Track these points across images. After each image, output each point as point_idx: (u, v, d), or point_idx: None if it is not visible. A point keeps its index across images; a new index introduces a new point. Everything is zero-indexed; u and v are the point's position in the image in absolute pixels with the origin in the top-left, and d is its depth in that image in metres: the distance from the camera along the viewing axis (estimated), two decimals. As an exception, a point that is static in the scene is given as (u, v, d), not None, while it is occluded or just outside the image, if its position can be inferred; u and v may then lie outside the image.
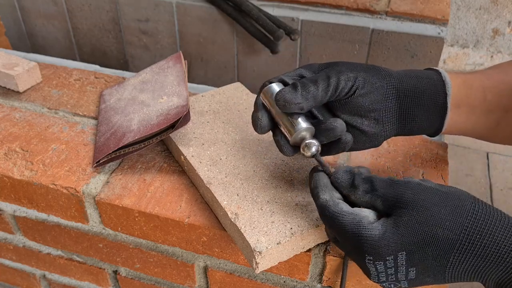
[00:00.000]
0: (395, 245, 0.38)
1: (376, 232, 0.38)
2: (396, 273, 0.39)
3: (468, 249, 0.37)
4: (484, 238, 0.37)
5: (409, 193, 0.39)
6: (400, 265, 0.38)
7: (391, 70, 0.48)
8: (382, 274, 0.39)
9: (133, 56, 1.19)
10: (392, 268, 0.39)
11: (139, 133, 0.56)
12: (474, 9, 1.71)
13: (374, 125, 0.47)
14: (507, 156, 1.58)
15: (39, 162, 0.59)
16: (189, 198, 0.54)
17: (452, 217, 0.38)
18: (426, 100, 0.48)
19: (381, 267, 0.39)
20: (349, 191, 0.42)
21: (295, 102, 0.44)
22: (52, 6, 1.17)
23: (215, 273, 0.58)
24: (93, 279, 0.69)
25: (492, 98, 0.50)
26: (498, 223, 0.37)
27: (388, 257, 0.38)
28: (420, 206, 0.38)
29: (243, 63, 1.09)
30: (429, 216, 0.38)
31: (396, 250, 0.38)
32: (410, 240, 0.38)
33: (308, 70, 0.48)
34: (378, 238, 0.38)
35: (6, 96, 0.70)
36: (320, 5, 0.97)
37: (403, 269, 0.39)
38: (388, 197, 0.40)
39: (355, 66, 0.47)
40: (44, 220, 0.62)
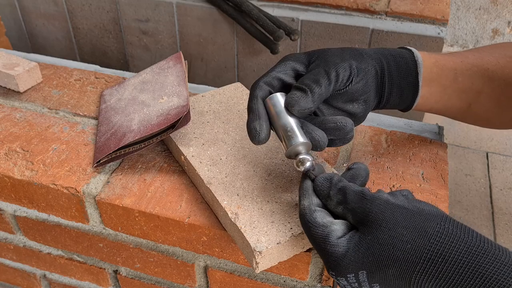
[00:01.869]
0: (356, 263, 0.38)
1: (340, 249, 0.39)
2: (361, 287, 0.40)
3: (430, 271, 0.36)
4: (447, 261, 0.36)
5: (375, 210, 0.39)
6: (362, 281, 0.39)
7: (368, 50, 0.50)
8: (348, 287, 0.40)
9: (133, 56, 1.19)
10: (355, 283, 0.39)
11: (140, 133, 0.56)
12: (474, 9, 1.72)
13: (363, 107, 0.49)
14: (507, 156, 1.58)
15: (40, 162, 0.59)
16: (189, 198, 0.54)
17: (414, 239, 0.37)
18: (400, 79, 0.50)
19: (343, 281, 0.40)
20: (325, 200, 0.43)
21: (308, 107, 0.44)
22: (53, 6, 1.17)
23: (215, 272, 0.58)
24: (93, 279, 0.69)
25: (464, 80, 0.52)
26: (463, 247, 0.36)
27: (349, 275, 0.39)
28: (383, 226, 0.38)
29: (243, 63, 1.09)
30: (391, 236, 0.37)
31: (356, 268, 0.38)
32: (370, 260, 0.38)
33: (297, 62, 0.48)
34: (340, 255, 0.39)
35: (7, 96, 0.70)
36: (320, 5, 0.97)
37: (366, 284, 0.39)
38: (357, 212, 0.40)
39: (342, 54, 0.48)
40: (45, 220, 0.63)
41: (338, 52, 0.48)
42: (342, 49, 0.49)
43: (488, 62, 0.53)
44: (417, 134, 0.63)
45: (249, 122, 0.46)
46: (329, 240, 0.39)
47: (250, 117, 0.46)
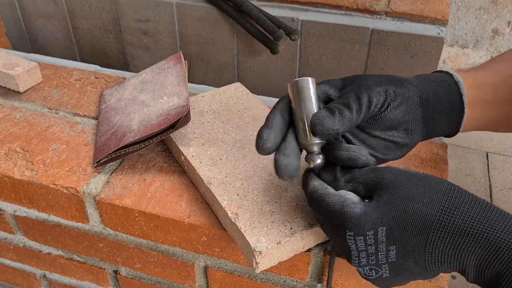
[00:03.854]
0: (375, 220, 0.39)
1: (358, 210, 0.40)
2: (377, 252, 0.40)
3: (446, 226, 0.38)
4: (461, 214, 0.38)
5: (388, 175, 0.41)
6: (380, 241, 0.39)
7: (408, 78, 0.48)
8: (363, 254, 0.40)
9: (133, 56, 1.19)
10: (373, 246, 0.39)
11: (140, 133, 0.56)
12: (474, 9, 1.72)
13: (405, 136, 0.47)
14: (507, 156, 1.58)
15: (40, 162, 0.59)
16: (189, 198, 0.54)
17: (430, 194, 0.39)
18: (445, 104, 0.48)
19: (361, 244, 0.39)
20: (332, 184, 0.43)
21: (334, 128, 0.42)
22: (53, 6, 1.17)
23: (215, 272, 0.58)
24: (93, 279, 0.69)
25: (503, 92, 0.51)
26: (474, 203, 0.38)
27: (368, 232, 0.39)
28: (399, 185, 0.40)
29: (243, 63, 1.09)
30: (407, 193, 0.39)
31: (376, 224, 0.39)
32: (389, 216, 0.39)
33: (331, 86, 0.47)
34: (359, 214, 0.39)
35: (7, 96, 0.70)
36: (320, 5, 0.97)
37: (383, 246, 0.39)
38: (368, 182, 0.41)
39: (379, 79, 0.46)
40: (45, 220, 0.63)
41: (374, 78, 0.46)
42: (379, 75, 0.47)
43: None
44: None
45: (260, 129, 0.44)
46: (346, 203, 0.40)
47: (263, 125, 0.44)
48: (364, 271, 0.41)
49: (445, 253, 0.38)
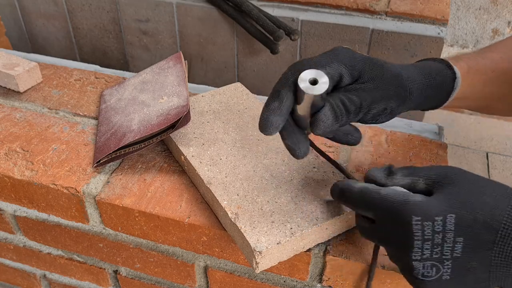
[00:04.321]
0: (444, 206, 0.37)
1: (423, 199, 0.39)
2: (443, 243, 0.37)
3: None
4: None
5: (452, 171, 0.40)
6: (448, 230, 0.37)
7: (412, 81, 0.47)
8: (427, 245, 0.38)
9: (133, 56, 1.19)
10: (440, 234, 0.37)
11: (140, 133, 0.56)
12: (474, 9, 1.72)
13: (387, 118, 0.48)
14: (507, 156, 1.58)
15: (40, 162, 0.59)
16: (189, 198, 0.54)
17: (498, 191, 0.38)
18: (435, 98, 0.51)
19: (428, 230, 0.37)
20: (386, 179, 0.43)
21: (333, 129, 0.43)
22: (53, 6, 1.17)
23: (215, 272, 0.58)
24: (93, 279, 0.69)
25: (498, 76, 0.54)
26: None
27: (437, 218, 0.37)
28: (466, 180, 0.39)
29: (243, 63, 1.09)
30: (477, 187, 0.38)
31: (445, 211, 0.37)
32: (459, 205, 0.37)
33: (347, 68, 0.44)
34: (426, 201, 0.38)
35: (7, 96, 0.70)
36: (320, 5, 0.97)
37: (451, 236, 0.37)
38: (431, 176, 0.40)
39: (388, 86, 0.45)
40: (45, 220, 0.63)
41: (391, 83, 0.46)
42: (396, 78, 0.46)
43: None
44: (417, 134, 0.63)
45: (266, 110, 0.42)
46: (409, 194, 0.40)
47: (270, 103, 0.42)
48: (423, 269, 0.38)
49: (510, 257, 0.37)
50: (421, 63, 0.51)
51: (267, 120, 0.42)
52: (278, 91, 0.43)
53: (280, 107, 0.42)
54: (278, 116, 0.42)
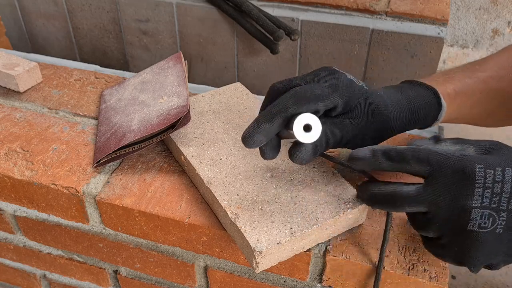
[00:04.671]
0: (502, 161, 0.39)
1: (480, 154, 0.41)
2: (501, 193, 0.38)
3: None
4: None
5: (501, 143, 0.42)
6: (506, 181, 0.38)
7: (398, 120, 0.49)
8: (488, 193, 0.39)
9: (133, 56, 1.19)
10: (499, 184, 0.38)
11: (140, 133, 0.56)
12: (474, 9, 1.72)
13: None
14: (507, 156, 1.58)
15: (40, 162, 0.59)
16: (189, 198, 0.54)
17: None
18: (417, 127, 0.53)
19: (490, 178, 0.38)
20: (434, 145, 0.43)
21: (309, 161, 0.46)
22: (53, 6, 1.17)
23: (215, 272, 0.58)
24: (93, 279, 0.69)
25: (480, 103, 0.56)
26: None
27: (497, 168, 0.39)
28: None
29: (243, 63, 1.09)
30: None
31: (504, 164, 0.39)
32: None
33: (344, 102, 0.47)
34: (484, 156, 0.40)
35: (7, 96, 0.70)
36: (320, 5, 0.97)
37: (508, 187, 0.38)
38: (481, 144, 0.42)
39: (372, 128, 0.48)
40: (45, 220, 0.63)
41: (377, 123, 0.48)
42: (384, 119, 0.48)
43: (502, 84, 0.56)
44: (417, 134, 0.63)
45: (255, 127, 0.44)
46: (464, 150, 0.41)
47: (261, 123, 0.44)
48: (480, 219, 0.39)
49: None
50: (411, 93, 0.51)
51: (252, 137, 0.44)
52: (272, 115, 0.44)
53: (268, 130, 0.44)
54: (264, 136, 0.44)
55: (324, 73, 0.48)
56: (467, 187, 0.39)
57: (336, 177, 0.52)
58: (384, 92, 0.50)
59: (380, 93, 0.49)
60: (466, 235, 0.40)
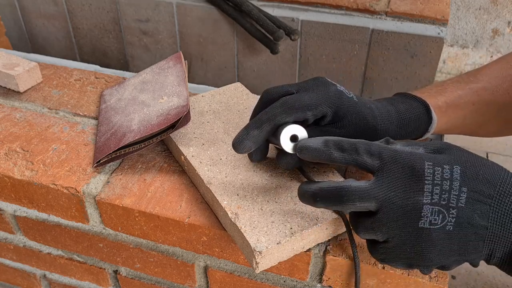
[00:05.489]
0: (451, 159, 0.40)
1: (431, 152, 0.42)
2: (450, 190, 0.39)
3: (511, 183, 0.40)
4: None
5: (451, 144, 0.43)
6: (455, 178, 0.39)
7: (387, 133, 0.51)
8: (437, 189, 0.39)
9: (133, 56, 1.19)
10: (447, 181, 0.39)
11: (140, 133, 0.56)
12: (474, 9, 1.72)
13: None
14: (507, 156, 1.58)
15: (40, 162, 0.59)
16: (189, 198, 0.54)
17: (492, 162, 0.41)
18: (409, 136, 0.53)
19: (438, 175, 0.39)
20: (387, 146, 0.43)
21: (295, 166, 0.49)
22: (53, 6, 1.17)
23: (215, 272, 0.58)
24: (93, 279, 0.69)
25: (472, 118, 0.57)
26: None
27: (445, 166, 0.39)
28: (465, 151, 0.42)
29: (243, 63, 1.09)
30: (475, 156, 0.41)
31: (451, 163, 0.40)
32: (463, 161, 0.40)
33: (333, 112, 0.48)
34: (434, 155, 0.41)
35: (7, 96, 0.70)
36: (320, 5, 0.97)
37: (457, 185, 0.39)
38: (430, 146, 0.42)
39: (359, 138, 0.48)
40: (45, 220, 0.63)
41: (365, 135, 0.49)
42: (373, 131, 0.50)
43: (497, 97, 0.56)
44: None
45: (245, 134, 0.47)
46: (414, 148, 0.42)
47: (250, 129, 0.47)
48: (431, 215, 0.39)
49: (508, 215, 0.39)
50: (402, 106, 0.52)
51: (242, 143, 0.47)
52: (261, 122, 0.47)
53: (257, 136, 0.47)
54: (253, 143, 0.47)
55: (315, 83, 0.49)
56: (417, 183, 0.39)
57: (336, 176, 0.52)
58: (374, 105, 0.51)
59: (369, 105, 0.50)
60: (417, 233, 0.39)
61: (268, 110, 0.47)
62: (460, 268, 1.24)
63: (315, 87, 0.48)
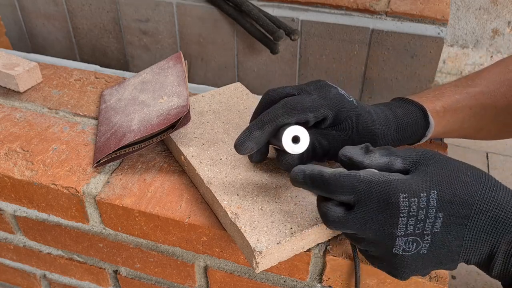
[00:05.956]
0: (427, 184, 0.39)
1: (406, 176, 0.40)
2: (425, 218, 0.39)
3: (489, 199, 0.39)
4: (500, 191, 0.39)
5: (429, 153, 0.42)
6: (431, 206, 0.38)
7: (385, 137, 0.51)
8: (412, 221, 0.39)
9: (133, 56, 1.19)
10: (423, 210, 0.38)
11: (140, 133, 0.56)
12: (474, 9, 1.72)
13: None
14: (507, 156, 1.58)
15: (40, 162, 0.59)
16: (189, 198, 0.54)
17: (471, 171, 0.41)
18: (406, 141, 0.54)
19: (414, 206, 0.38)
20: (363, 156, 0.42)
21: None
22: (53, 6, 1.17)
23: (215, 273, 0.58)
24: (93, 279, 0.69)
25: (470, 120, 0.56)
26: (505, 187, 0.40)
27: (422, 194, 0.38)
28: (442, 160, 0.41)
29: (243, 63, 1.09)
30: (452, 166, 0.40)
31: (429, 187, 0.39)
32: (440, 182, 0.39)
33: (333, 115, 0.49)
34: (409, 178, 0.39)
35: (7, 96, 0.70)
36: (320, 5, 0.97)
37: (433, 212, 0.38)
38: (408, 156, 0.42)
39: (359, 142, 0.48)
40: (45, 220, 0.63)
41: (364, 138, 0.49)
42: (371, 135, 0.50)
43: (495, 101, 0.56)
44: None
45: (247, 135, 0.47)
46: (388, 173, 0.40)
47: (252, 130, 0.47)
48: (405, 244, 0.39)
49: (484, 229, 0.39)
50: (399, 110, 0.52)
51: (244, 144, 0.47)
52: (263, 123, 0.47)
53: (259, 137, 0.47)
54: (255, 144, 0.47)
55: (317, 85, 0.50)
56: (392, 218, 0.39)
57: (336, 177, 0.52)
58: (373, 109, 0.51)
59: (369, 109, 0.51)
60: (391, 257, 0.41)
61: (270, 111, 0.47)
62: (460, 268, 1.24)
63: (316, 90, 0.49)
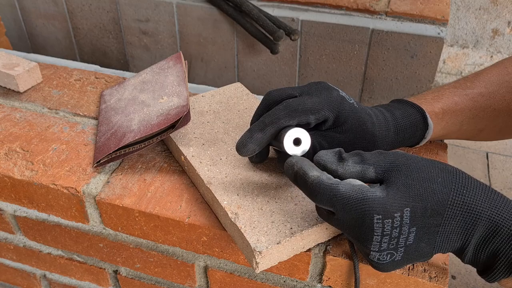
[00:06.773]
0: (400, 201, 0.39)
1: (380, 194, 0.40)
2: (399, 235, 0.40)
3: (459, 204, 0.40)
4: (469, 194, 0.40)
5: (401, 159, 0.42)
6: (404, 223, 0.39)
7: (384, 140, 0.51)
8: (386, 239, 0.40)
9: (133, 56, 1.19)
10: (397, 229, 0.39)
11: (140, 133, 0.56)
12: (474, 9, 1.72)
13: None
14: (507, 156, 1.58)
15: (40, 162, 0.59)
16: (189, 198, 0.54)
17: (441, 175, 0.41)
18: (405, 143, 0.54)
19: (388, 227, 0.39)
20: (337, 165, 0.42)
21: None
22: (53, 6, 1.18)
23: (215, 272, 0.58)
24: (93, 279, 0.69)
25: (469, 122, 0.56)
26: (478, 184, 0.41)
27: (396, 214, 0.39)
28: (413, 167, 0.41)
29: (243, 63, 1.09)
30: (423, 174, 0.41)
31: (402, 206, 0.39)
32: (411, 197, 0.40)
33: (334, 116, 0.49)
34: (384, 197, 0.39)
35: (7, 96, 0.70)
36: (320, 5, 0.97)
37: (406, 229, 0.40)
38: (380, 164, 0.42)
39: (358, 144, 0.49)
40: (45, 220, 0.63)
41: (364, 140, 0.50)
42: (371, 137, 0.50)
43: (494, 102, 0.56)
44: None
45: (248, 137, 0.47)
46: (365, 189, 0.40)
47: (254, 132, 0.47)
48: (379, 256, 0.41)
49: (454, 232, 0.40)
50: (399, 112, 0.53)
51: (246, 146, 0.47)
52: (265, 125, 0.47)
53: (261, 139, 0.47)
54: (257, 145, 0.47)
55: (318, 87, 0.50)
56: (367, 236, 0.40)
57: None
58: (372, 111, 0.51)
59: (368, 111, 0.51)
60: (368, 261, 0.43)
61: (271, 113, 0.47)
62: (460, 268, 1.24)
63: (317, 92, 0.49)
